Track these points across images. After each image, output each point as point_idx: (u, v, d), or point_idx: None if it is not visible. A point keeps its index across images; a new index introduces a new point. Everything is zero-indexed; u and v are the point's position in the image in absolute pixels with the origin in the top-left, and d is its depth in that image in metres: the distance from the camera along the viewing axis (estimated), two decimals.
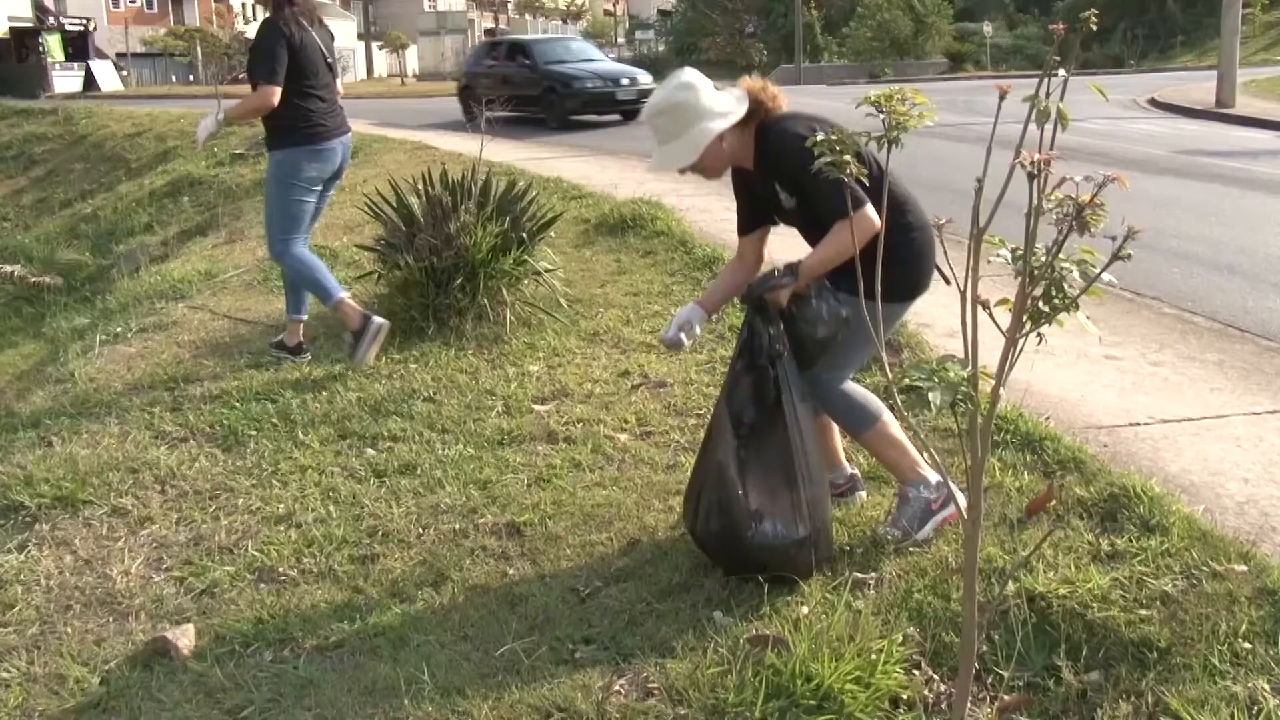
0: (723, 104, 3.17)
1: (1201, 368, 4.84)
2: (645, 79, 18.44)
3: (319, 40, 5.14)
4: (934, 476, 3.25)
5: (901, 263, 3.15)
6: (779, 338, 3.09)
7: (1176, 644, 2.62)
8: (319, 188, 5.26)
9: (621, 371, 4.94)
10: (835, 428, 3.53)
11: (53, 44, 41.11)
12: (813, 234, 3.24)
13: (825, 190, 2.97)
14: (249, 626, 3.00)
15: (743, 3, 64.44)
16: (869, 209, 3.03)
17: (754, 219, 3.43)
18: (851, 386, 3.34)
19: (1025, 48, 57.81)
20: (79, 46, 41.86)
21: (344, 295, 5.15)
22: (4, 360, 8.55)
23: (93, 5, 51.26)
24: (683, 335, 3.32)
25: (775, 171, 3.20)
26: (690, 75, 3.23)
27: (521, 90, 17.27)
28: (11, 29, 42.46)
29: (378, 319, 5.10)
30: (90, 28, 43.44)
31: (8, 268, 11.88)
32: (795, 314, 3.11)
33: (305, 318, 5.41)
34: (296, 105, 5.03)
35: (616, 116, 18.23)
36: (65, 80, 39.04)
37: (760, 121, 3.21)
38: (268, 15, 5.10)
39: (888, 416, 3.28)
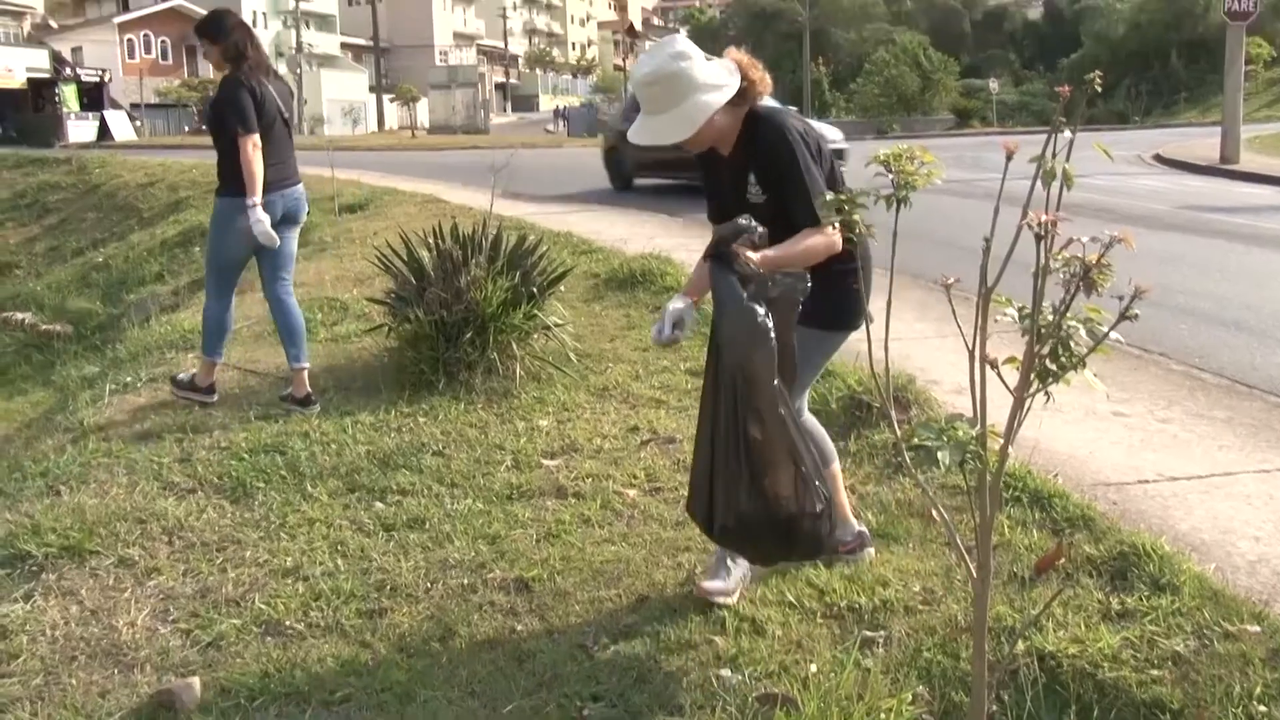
0: (717, 76, 3.08)
1: (1210, 424, 4.84)
2: (834, 136, 13.75)
3: (275, 94, 5.35)
4: (856, 525, 3.52)
5: (849, 291, 3.14)
6: (769, 284, 2.92)
7: (1189, 706, 2.60)
8: (251, 245, 5.35)
9: (631, 427, 4.94)
10: (842, 484, 3.53)
11: (69, 94, 41.63)
12: (773, 235, 3.13)
13: (803, 199, 3.04)
14: (255, 680, 2.99)
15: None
16: (834, 230, 2.99)
17: (715, 202, 3.36)
18: (813, 422, 3.46)
19: (1031, 104, 58.38)
20: (94, 97, 42.41)
21: (219, 361, 5.55)
22: (13, 408, 8.59)
23: (108, 56, 51.98)
24: (678, 331, 3.22)
25: (759, 161, 3.15)
26: (684, 43, 3.11)
27: (680, 152, 13.30)
28: (29, 80, 43.06)
29: (213, 398, 5.46)
30: (105, 79, 44.01)
31: (19, 315, 11.97)
32: (771, 277, 2.94)
33: (307, 365, 5.49)
34: (240, 157, 5.19)
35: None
36: (80, 130, 39.53)
37: (751, 106, 3.16)
38: (226, 73, 5.32)
39: (837, 465, 3.47)
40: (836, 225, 2.99)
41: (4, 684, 3.03)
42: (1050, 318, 2.08)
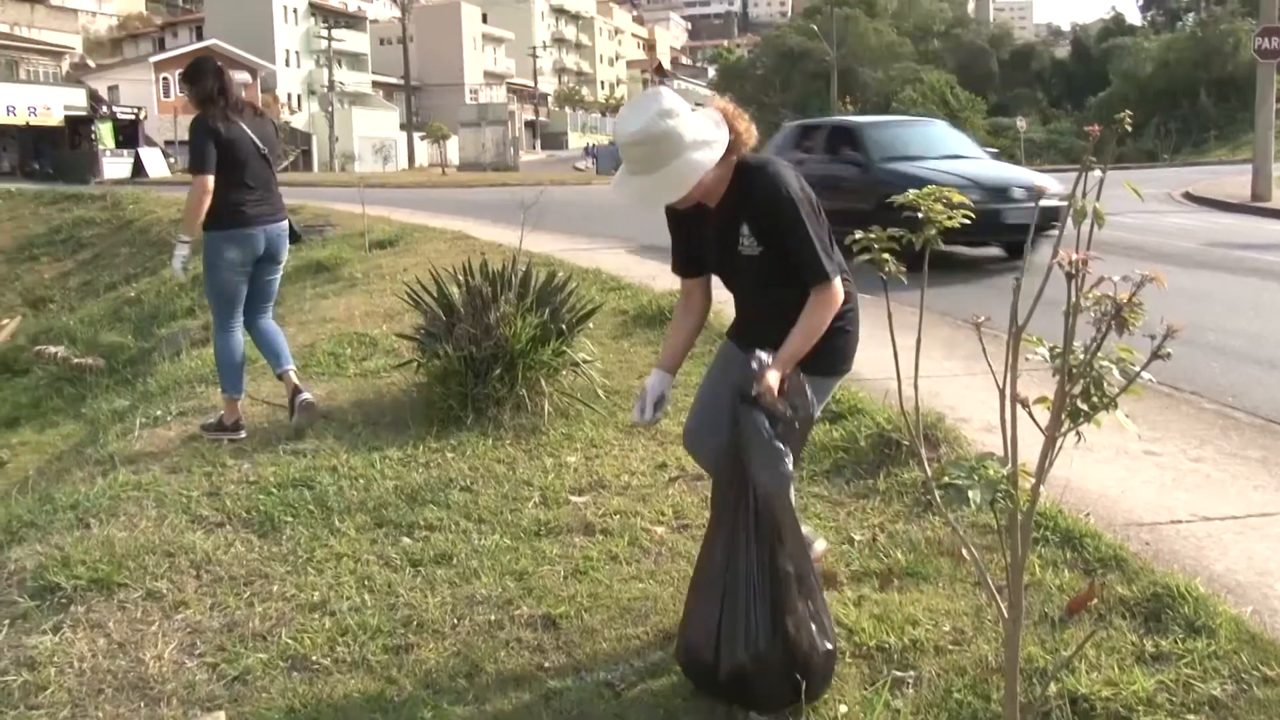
0: (705, 131, 2.95)
1: (1244, 464, 4.78)
2: (1052, 187, 8.41)
3: (249, 132, 5.56)
4: None
5: (846, 335, 3.17)
6: (792, 417, 2.93)
7: None
8: (246, 270, 5.66)
9: (659, 464, 4.94)
10: None
11: (104, 132, 42.35)
12: (760, 287, 3.13)
13: (810, 253, 2.98)
14: (281, 715, 2.98)
15: (780, 97, 65.53)
16: (839, 282, 3.03)
17: (689, 256, 3.28)
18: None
19: (1059, 142, 58.35)
20: (129, 134, 43.11)
21: (239, 397, 5.68)
22: (45, 440, 8.67)
23: (144, 95, 52.86)
24: (658, 412, 3.21)
25: (753, 212, 3.03)
26: (669, 99, 2.94)
27: (848, 202, 10.12)
28: (67, 118, 43.84)
29: (241, 434, 5.53)
30: (141, 116, 44.73)
31: (52, 349, 12.11)
32: (789, 404, 2.95)
33: (241, 396, 5.72)
34: (221, 193, 5.47)
35: (995, 250, 11.86)
36: (115, 166, 40.17)
37: (740, 157, 3.04)
38: (198, 112, 5.58)
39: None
40: (840, 280, 3.03)
41: (32, 716, 3.04)
42: (1081, 357, 2.07)
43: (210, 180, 5.42)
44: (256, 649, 3.36)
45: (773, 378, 2.89)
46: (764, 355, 2.92)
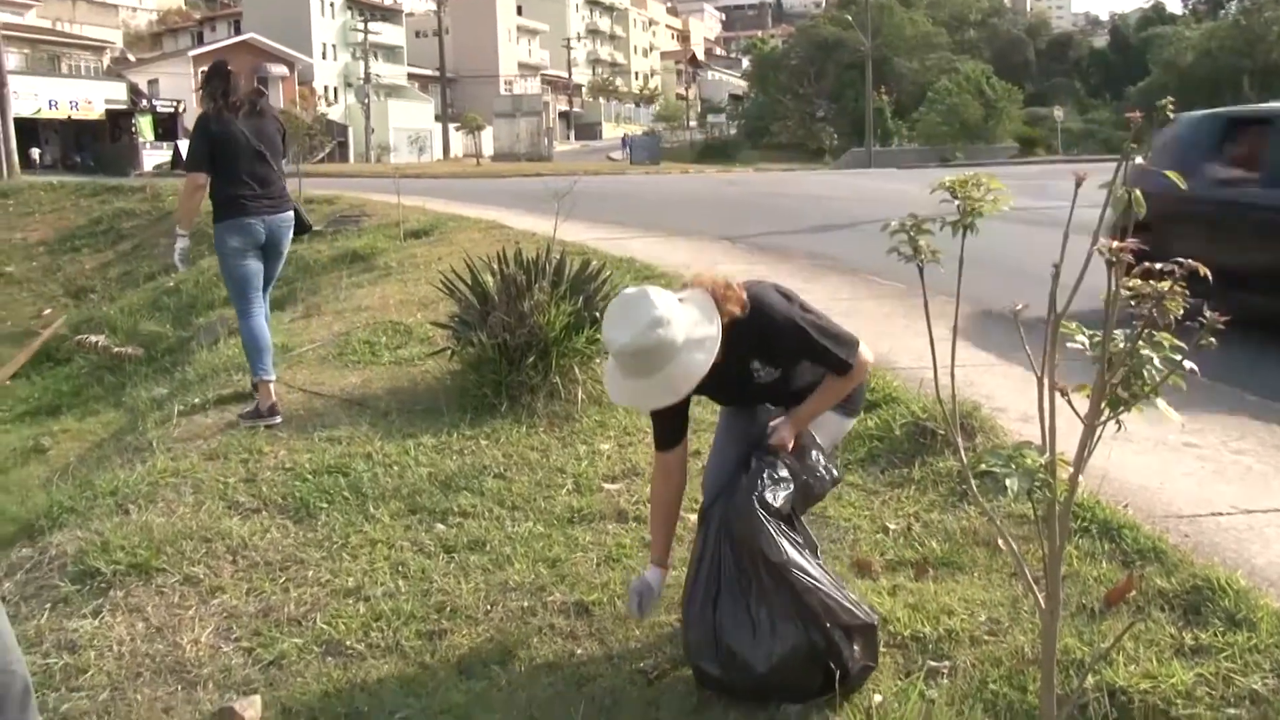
0: (697, 327, 2.88)
1: None
2: None
3: (245, 129, 5.83)
4: None
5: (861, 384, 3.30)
6: (799, 471, 3.05)
7: None
8: (251, 257, 5.96)
9: (692, 451, 4.91)
10: None
11: (144, 125, 42.81)
12: (783, 397, 3.20)
13: (828, 354, 3.04)
14: (315, 700, 3.01)
15: (813, 88, 65.19)
16: (864, 348, 3.10)
17: (681, 427, 3.23)
18: None
19: (1097, 132, 57.70)
20: (169, 127, 43.54)
21: (271, 379, 5.80)
22: (85, 428, 8.77)
23: (183, 88, 53.22)
24: (649, 607, 3.22)
25: (761, 348, 3.04)
26: (658, 304, 2.82)
27: None
28: (108, 111, 44.32)
29: (277, 419, 5.58)
30: (180, 109, 45.15)
31: (93, 338, 12.24)
32: (799, 466, 3.06)
33: (273, 378, 5.84)
34: (220, 187, 5.81)
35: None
36: (155, 159, 40.55)
37: (729, 315, 2.96)
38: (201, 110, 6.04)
39: None
40: (861, 348, 3.08)
41: (72, 698, 3.08)
42: (1122, 345, 2.04)
43: (200, 177, 5.81)
44: (292, 634, 3.39)
45: (787, 432, 3.05)
46: (777, 421, 3.09)
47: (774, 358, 3.08)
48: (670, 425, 3.20)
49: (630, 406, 3.06)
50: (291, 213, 6.14)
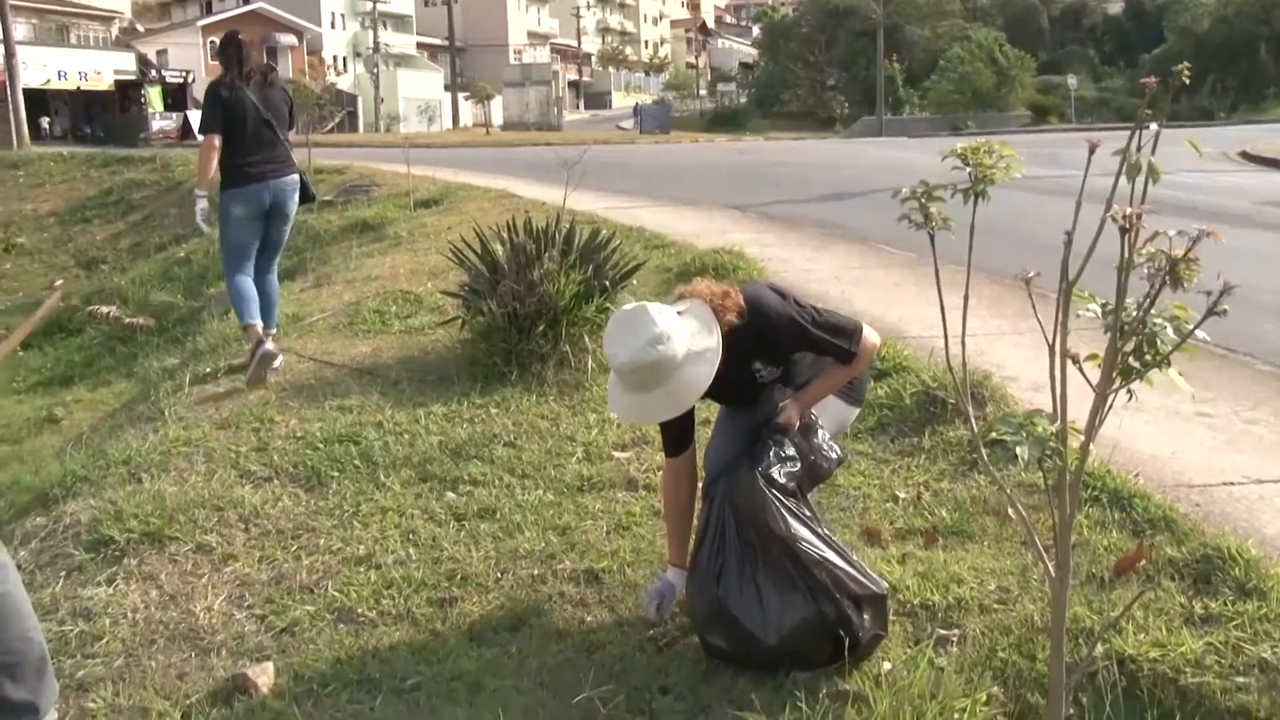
0: (697, 339, 2.89)
1: None
2: None
3: (253, 98, 6.10)
4: None
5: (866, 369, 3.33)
6: (806, 452, 3.06)
7: (1277, 715, 2.52)
8: (250, 227, 6.22)
9: (702, 419, 4.91)
10: None
11: (153, 95, 42.76)
12: (783, 387, 3.20)
13: (830, 344, 3.07)
14: (327, 666, 3.03)
15: (824, 56, 64.75)
16: (868, 332, 3.12)
17: (688, 431, 3.24)
18: None
19: (1111, 100, 57.26)
20: (178, 97, 43.48)
21: (255, 323, 6.05)
22: (98, 398, 8.81)
23: (192, 58, 53.05)
24: (666, 609, 3.19)
25: (760, 348, 3.05)
26: (658, 320, 2.83)
27: None
28: (117, 82, 44.26)
29: (265, 348, 5.76)
30: (189, 80, 45.05)
31: (104, 309, 12.27)
32: (806, 445, 3.08)
33: (257, 323, 6.08)
34: (228, 155, 6.11)
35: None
36: (164, 129, 40.51)
37: (728, 325, 2.97)
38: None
39: None
40: (866, 333, 3.10)
41: (88, 665, 3.11)
42: (1134, 313, 2.03)
43: (215, 139, 6.06)
44: (304, 601, 3.41)
45: (794, 412, 3.06)
46: (783, 403, 3.09)
47: (775, 357, 3.10)
48: (678, 432, 3.21)
49: (634, 422, 3.05)
50: (295, 177, 6.35)
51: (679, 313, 2.92)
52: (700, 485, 3.27)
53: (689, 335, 2.88)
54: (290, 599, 3.43)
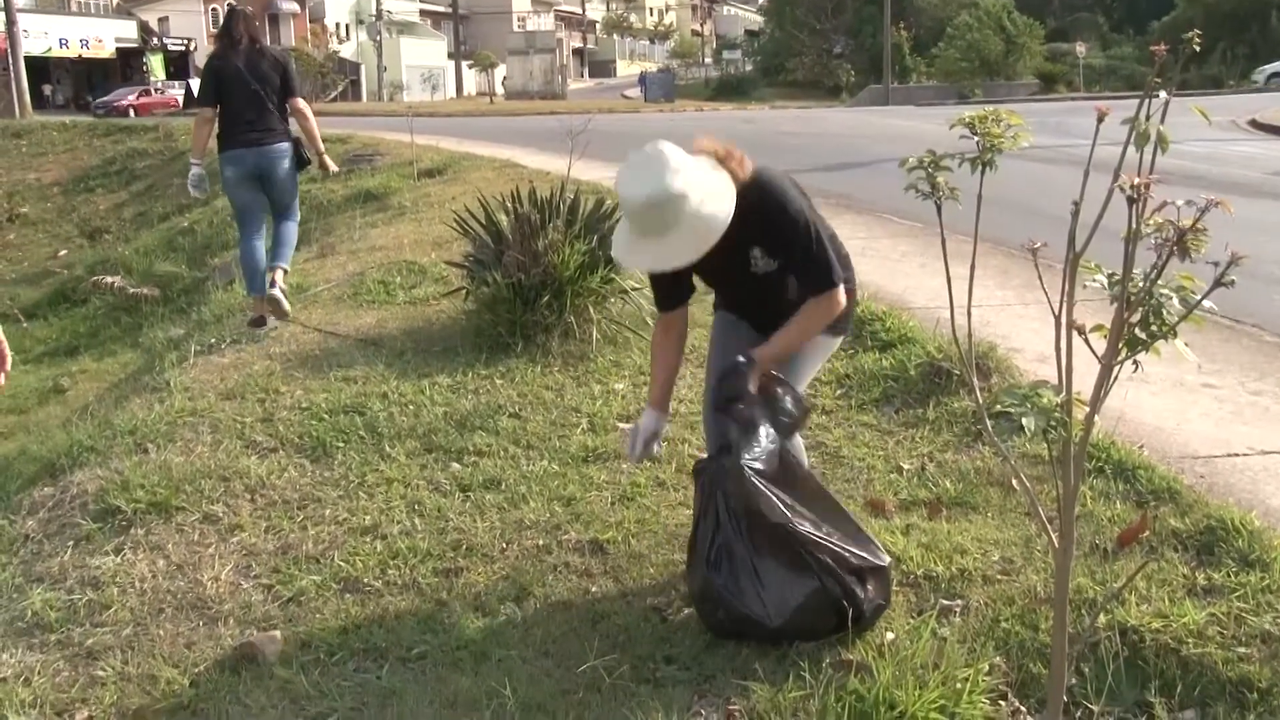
0: (713, 182, 2.84)
1: None
2: None
3: (243, 68, 6.27)
4: None
5: (849, 299, 3.16)
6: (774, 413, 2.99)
7: (1278, 685, 2.53)
8: (245, 187, 6.46)
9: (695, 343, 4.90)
10: None
11: (155, 64, 42.57)
12: (774, 297, 3.10)
13: (821, 261, 2.97)
14: (334, 635, 3.05)
15: (831, 23, 64.26)
16: (842, 291, 3.01)
17: (686, 289, 3.22)
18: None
19: (1119, 68, 56.81)
20: (180, 66, 43.33)
21: (261, 296, 6.37)
22: (104, 368, 8.84)
23: (194, 26, 52.82)
24: (653, 447, 3.21)
25: (765, 230, 2.96)
26: (672, 156, 2.80)
27: None
28: (118, 50, 44.07)
29: (260, 329, 6.26)
30: (191, 48, 44.88)
31: (109, 279, 12.29)
32: (768, 413, 2.98)
33: (286, 267, 6.54)
34: (221, 121, 6.36)
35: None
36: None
37: (740, 186, 2.90)
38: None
39: None
40: (840, 288, 2.98)
41: (96, 634, 3.13)
42: (1141, 284, 2.02)
43: (207, 111, 6.39)
44: (310, 571, 3.43)
45: (751, 382, 2.93)
46: (742, 359, 2.95)
47: (774, 248, 2.99)
48: (673, 290, 3.18)
49: (646, 269, 2.94)
50: (284, 144, 6.47)
51: (690, 155, 2.88)
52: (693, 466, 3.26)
53: (704, 177, 2.83)
54: (297, 569, 3.45)
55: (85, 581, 3.43)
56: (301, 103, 6.59)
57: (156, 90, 41.26)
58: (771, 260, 3.02)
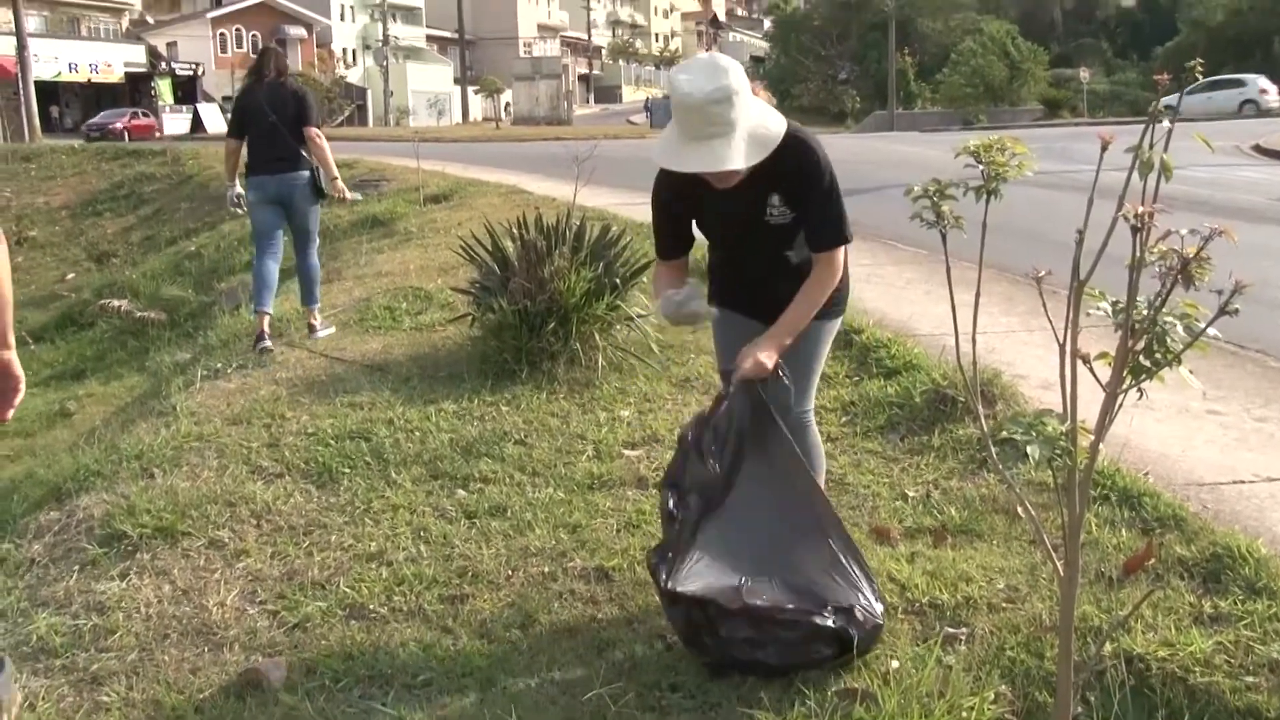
0: (762, 104, 2.91)
1: None
2: None
3: (264, 103, 6.67)
4: None
5: (844, 279, 3.20)
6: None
7: None
8: (264, 210, 6.77)
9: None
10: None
11: (164, 88, 42.83)
12: (781, 253, 3.11)
13: (836, 218, 3.02)
14: (339, 662, 3.04)
15: (836, 49, 64.54)
16: (843, 251, 3.06)
17: (682, 242, 3.23)
18: (814, 432, 3.38)
19: (1123, 94, 57.02)
20: (188, 90, 43.59)
21: (266, 312, 6.67)
22: (110, 392, 8.86)
23: (202, 51, 53.20)
24: (692, 304, 3.10)
25: (789, 180, 2.98)
26: (733, 66, 2.83)
27: None
28: (127, 74, 44.35)
29: (260, 345, 6.48)
30: (199, 73, 45.15)
31: (116, 303, 12.34)
32: (766, 393, 3.01)
33: (267, 311, 6.70)
34: (247, 150, 6.77)
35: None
36: (174, 122, 40.59)
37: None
38: None
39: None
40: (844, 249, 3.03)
41: (101, 659, 3.13)
42: (1145, 312, 2.03)
43: (232, 142, 6.82)
44: (315, 597, 3.42)
45: (767, 356, 2.96)
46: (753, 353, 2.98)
47: (793, 198, 3.01)
48: (677, 236, 3.21)
49: (696, 170, 2.84)
50: (300, 174, 6.73)
51: None
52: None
53: (755, 99, 2.88)
54: (302, 595, 3.45)
55: (90, 606, 3.43)
56: (314, 131, 6.75)
57: (144, 115, 41.23)
58: (789, 211, 3.03)
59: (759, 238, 3.11)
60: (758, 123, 2.85)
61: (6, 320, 2.45)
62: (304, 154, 6.70)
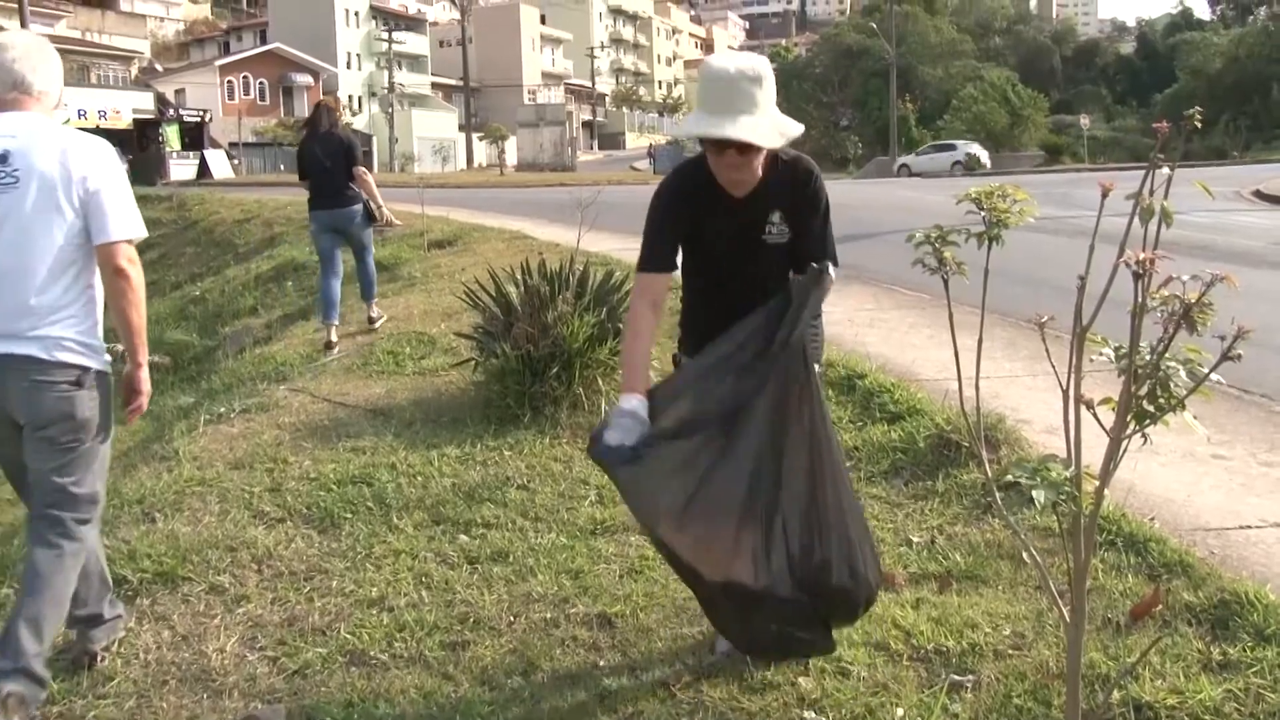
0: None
1: None
2: None
3: (317, 149, 8.14)
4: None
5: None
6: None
7: None
8: (323, 238, 8.33)
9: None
10: None
11: (171, 134, 43.13)
12: (772, 274, 3.05)
13: (831, 239, 3.12)
14: (339, 709, 3.02)
15: (837, 96, 65.10)
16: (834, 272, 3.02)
17: (671, 251, 3.16)
18: None
19: (1123, 140, 57.40)
20: (195, 136, 43.85)
21: (333, 324, 8.20)
22: (112, 436, 8.81)
23: (209, 98, 53.69)
24: (635, 434, 2.75)
25: (791, 200, 3.03)
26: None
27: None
28: (135, 120, 44.68)
29: (329, 354, 7.80)
30: (206, 119, 45.48)
31: (120, 347, 12.34)
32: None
33: (333, 322, 8.21)
34: (309, 189, 8.27)
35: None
36: (181, 168, 40.86)
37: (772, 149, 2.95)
38: None
39: None
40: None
41: (99, 705, 3.10)
42: (1148, 358, 2.03)
43: (304, 184, 8.33)
44: (316, 643, 3.40)
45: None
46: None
47: (794, 218, 3.05)
48: (671, 246, 3.14)
49: (724, 135, 2.78)
50: (352, 207, 8.17)
51: None
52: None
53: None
54: (302, 641, 3.42)
55: (88, 652, 3.40)
56: (361, 170, 8.18)
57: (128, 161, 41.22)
58: (786, 231, 3.06)
59: (752, 258, 3.10)
60: (780, 116, 2.90)
61: (138, 342, 3.67)
62: (353, 188, 8.10)
